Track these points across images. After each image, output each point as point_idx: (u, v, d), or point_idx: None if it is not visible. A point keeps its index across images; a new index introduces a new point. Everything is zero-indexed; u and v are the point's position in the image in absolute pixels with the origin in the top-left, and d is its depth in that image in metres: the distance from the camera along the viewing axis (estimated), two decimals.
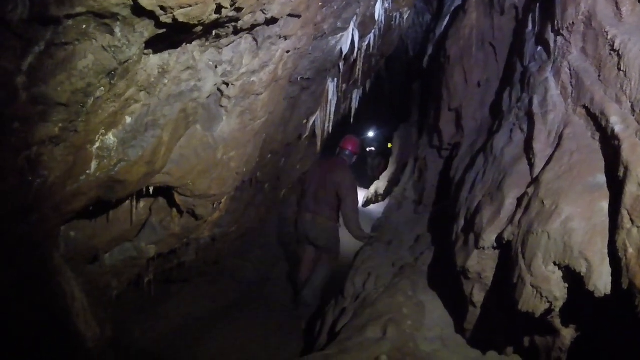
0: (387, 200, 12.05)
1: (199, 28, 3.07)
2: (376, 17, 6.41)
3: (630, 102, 3.42)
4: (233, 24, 3.40)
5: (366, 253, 7.32)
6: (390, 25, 8.07)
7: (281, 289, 10.00)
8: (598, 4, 4.08)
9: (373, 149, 15.82)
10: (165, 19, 2.70)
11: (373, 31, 6.80)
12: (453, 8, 9.09)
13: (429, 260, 6.53)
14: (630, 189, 3.08)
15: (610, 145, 3.52)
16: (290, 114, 6.07)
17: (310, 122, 6.88)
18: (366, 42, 6.84)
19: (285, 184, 9.22)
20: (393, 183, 11.80)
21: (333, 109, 7.06)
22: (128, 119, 3.61)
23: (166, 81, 3.59)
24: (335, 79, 6.92)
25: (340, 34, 5.59)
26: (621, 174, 3.22)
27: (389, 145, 14.83)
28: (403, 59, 13.89)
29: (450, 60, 7.52)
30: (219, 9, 2.89)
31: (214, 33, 3.43)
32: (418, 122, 11.12)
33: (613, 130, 3.45)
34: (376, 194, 13.48)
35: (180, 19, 2.74)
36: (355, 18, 5.58)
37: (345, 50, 5.91)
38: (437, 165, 8.15)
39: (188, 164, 4.36)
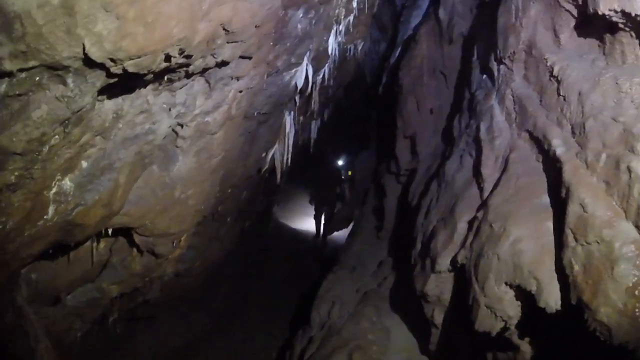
0: (350, 227, 12.17)
1: (150, 76, 3.17)
2: (329, 51, 6.56)
3: (570, 124, 3.59)
4: (184, 69, 3.51)
5: (330, 281, 7.41)
6: (345, 57, 8.25)
7: (251, 320, 9.98)
8: (538, 33, 4.29)
9: (342, 177, 16.00)
10: (115, 69, 2.80)
11: (327, 64, 6.96)
12: (405, 37, 9.35)
13: (392, 285, 6.65)
14: (572, 209, 3.24)
15: (553, 167, 3.69)
16: (249, 148, 6.16)
17: (270, 155, 6.96)
18: (320, 75, 6.99)
19: (248, 216, 9.26)
20: (355, 209, 11.96)
21: (291, 141, 7.16)
22: (84, 164, 3.67)
23: (121, 125, 3.67)
24: (292, 112, 7.03)
25: (295, 69, 5.72)
26: (564, 194, 3.39)
27: (350, 173, 15.02)
28: (362, 87, 14.10)
29: (403, 89, 7.75)
30: (168, 58, 3.00)
31: (166, 78, 3.53)
32: (377, 149, 11.32)
33: (555, 153, 3.62)
34: (339, 221, 13.74)
35: (130, 69, 2.84)
36: (308, 53, 5.72)
37: (300, 85, 6.03)
38: (396, 191, 8.31)
39: (146, 205, 4.41)
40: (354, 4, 6.10)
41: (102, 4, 2.49)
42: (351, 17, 6.44)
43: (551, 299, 3.42)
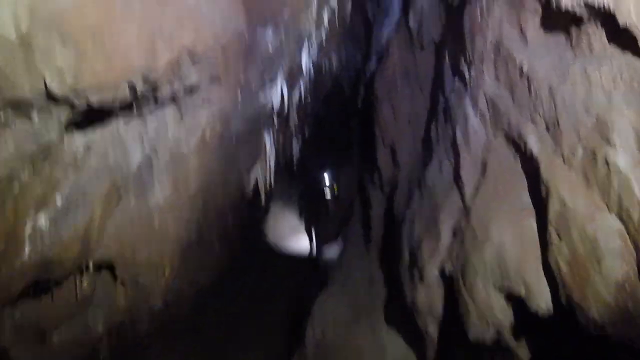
0: (338, 240, 12.13)
1: (117, 105, 3.13)
2: (303, 68, 6.58)
3: (544, 120, 3.55)
4: (152, 95, 3.47)
5: (323, 299, 7.35)
6: (320, 71, 8.28)
7: (245, 343, 9.88)
8: (504, 31, 4.27)
9: (327, 188, 16.00)
10: (79, 102, 2.76)
11: (302, 80, 6.97)
12: (378, 47, 9.39)
13: (384, 298, 6.59)
14: (553, 206, 3.21)
15: (530, 165, 3.65)
16: (228, 172, 6.11)
17: (252, 177, 6.93)
18: (297, 92, 7.01)
19: (236, 239, 9.18)
20: (342, 223, 11.92)
21: (273, 162, 7.13)
22: (58, 198, 3.60)
23: (93, 157, 3.62)
24: (271, 131, 7.02)
25: (269, 87, 5.72)
26: (543, 192, 3.35)
27: (335, 187, 15.00)
28: (341, 100, 14.13)
29: (378, 99, 7.73)
30: (132, 87, 2.96)
31: (134, 106, 3.49)
32: (360, 161, 11.30)
33: (531, 151, 3.59)
34: (327, 236, 13.73)
35: (94, 101, 2.80)
36: (281, 71, 5.72)
37: (276, 103, 6.04)
38: (381, 202, 8.25)
39: (125, 236, 4.34)
40: (325, 18, 6.11)
41: (60, 39, 2.47)
42: (322, 32, 6.46)
43: (542, 300, 3.39)
